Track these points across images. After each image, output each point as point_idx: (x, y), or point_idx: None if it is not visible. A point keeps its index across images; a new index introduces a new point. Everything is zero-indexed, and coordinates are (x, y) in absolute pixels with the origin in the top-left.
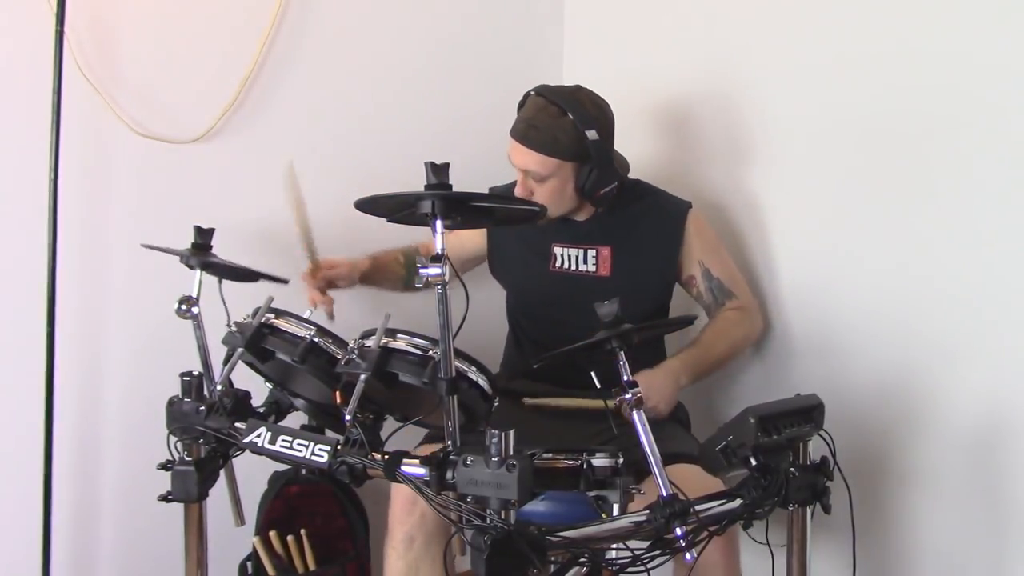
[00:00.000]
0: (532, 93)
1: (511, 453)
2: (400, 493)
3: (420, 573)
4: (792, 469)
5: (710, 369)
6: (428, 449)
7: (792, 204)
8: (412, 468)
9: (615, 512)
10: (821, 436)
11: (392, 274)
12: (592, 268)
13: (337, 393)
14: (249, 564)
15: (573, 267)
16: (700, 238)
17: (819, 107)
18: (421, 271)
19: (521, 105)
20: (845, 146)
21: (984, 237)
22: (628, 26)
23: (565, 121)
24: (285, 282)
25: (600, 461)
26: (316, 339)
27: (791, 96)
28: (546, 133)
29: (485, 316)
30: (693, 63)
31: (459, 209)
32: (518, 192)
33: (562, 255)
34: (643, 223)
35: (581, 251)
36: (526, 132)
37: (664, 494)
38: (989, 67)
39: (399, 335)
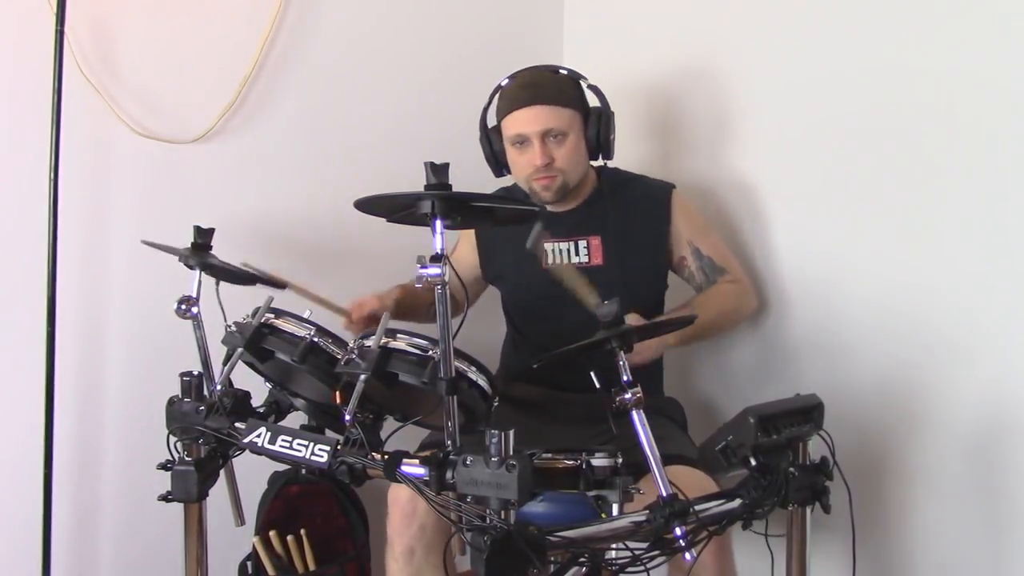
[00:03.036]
0: (508, 79)
1: (511, 453)
2: (397, 505)
3: None
4: (792, 469)
5: (697, 333)
6: None
7: (792, 200)
8: (412, 468)
9: (615, 512)
10: (821, 436)
11: (425, 301)
12: (584, 259)
13: (337, 393)
14: (249, 564)
15: (565, 261)
16: (686, 218)
17: (822, 103)
18: (420, 271)
19: (498, 92)
20: (848, 140)
21: (988, 234)
22: (628, 23)
23: (562, 76)
24: (283, 286)
25: (599, 461)
26: (316, 339)
27: (794, 92)
28: (552, 87)
29: (485, 316)
30: (693, 57)
31: (459, 209)
32: (537, 161)
33: (553, 251)
34: (628, 209)
35: (571, 243)
36: (535, 93)
37: (664, 494)
38: (998, 60)
39: (399, 335)
